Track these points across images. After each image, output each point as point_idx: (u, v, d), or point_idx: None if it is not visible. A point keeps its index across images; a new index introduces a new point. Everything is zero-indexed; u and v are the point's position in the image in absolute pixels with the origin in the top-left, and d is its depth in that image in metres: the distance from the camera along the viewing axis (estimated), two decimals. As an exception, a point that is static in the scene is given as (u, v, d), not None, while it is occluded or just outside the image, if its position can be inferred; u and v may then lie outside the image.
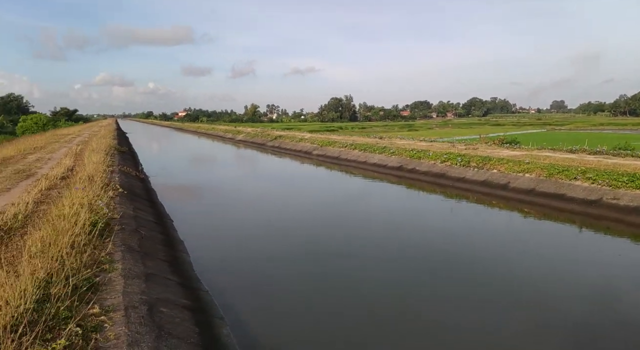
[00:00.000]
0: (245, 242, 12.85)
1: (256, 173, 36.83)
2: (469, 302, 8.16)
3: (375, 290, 8.86)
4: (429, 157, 30.90)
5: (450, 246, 12.23)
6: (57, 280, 5.59)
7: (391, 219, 17.06)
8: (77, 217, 8.40)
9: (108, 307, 5.59)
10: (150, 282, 7.07)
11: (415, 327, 7.24)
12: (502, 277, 9.68)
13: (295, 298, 8.64)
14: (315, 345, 6.91)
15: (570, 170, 21.57)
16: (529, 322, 7.32)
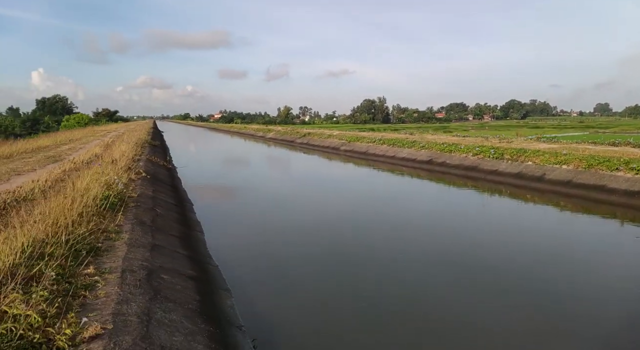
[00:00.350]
0: (263, 228, 12.66)
1: (281, 166, 36.86)
2: (511, 307, 7.06)
3: (388, 281, 8.24)
4: (460, 150, 29.88)
5: (484, 245, 10.68)
6: (55, 242, 5.50)
7: (415, 211, 16.48)
8: (89, 190, 8.41)
9: (104, 269, 5.46)
10: (156, 252, 6.94)
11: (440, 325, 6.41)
12: (546, 278, 8.67)
13: (307, 282, 8.30)
14: (319, 325, 6.55)
15: (612, 161, 20.23)
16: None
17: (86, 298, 4.57)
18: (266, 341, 5.75)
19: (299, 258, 9.73)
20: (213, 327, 5.26)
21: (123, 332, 4.04)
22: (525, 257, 9.30)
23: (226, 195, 19.38)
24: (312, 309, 7.04)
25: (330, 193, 21.01)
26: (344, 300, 7.35)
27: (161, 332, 4.41)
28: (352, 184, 25.16)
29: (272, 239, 11.31)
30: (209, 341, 4.81)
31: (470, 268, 8.39)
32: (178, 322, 4.87)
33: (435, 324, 6.07)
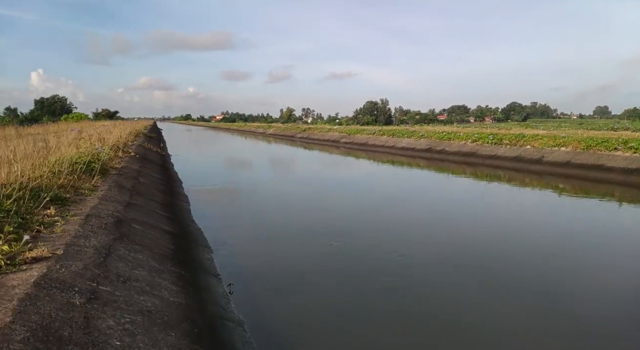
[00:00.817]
0: (253, 203, 12.39)
1: (274, 154, 36.51)
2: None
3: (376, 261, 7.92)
4: (459, 137, 29.55)
5: (486, 232, 9.43)
6: (15, 187, 5.21)
7: (413, 198, 16.18)
8: (65, 154, 8.15)
9: (68, 213, 5.17)
10: (131, 208, 6.65)
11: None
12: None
13: (290, 248, 7.96)
14: (297, 276, 6.24)
15: (610, 142, 19.88)
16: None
17: (40, 232, 4.28)
18: (243, 288, 5.45)
19: (286, 225, 9.45)
20: (185, 271, 4.96)
21: (74, 258, 3.74)
22: (531, 244, 8.46)
23: (218, 175, 19.12)
24: (293, 265, 6.74)
25: (321, 177, 20.70)
26: (325, 258, 7.06)
27: (120, 264, 4.12)
28: (347, 172, 24.82)
29: (260, 211, 11.04)
30: (176, 280, 4.51)
31: (473, 255, 7.64)
32: (144, 261, 4.57)
33: (432, 310, 5.48)
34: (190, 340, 3.31)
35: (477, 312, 4.90)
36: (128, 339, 2.86)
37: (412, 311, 5.07)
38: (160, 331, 3.21)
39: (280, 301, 5.29)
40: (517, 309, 4.83)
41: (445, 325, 4.68)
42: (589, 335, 4.30)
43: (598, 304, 4.97)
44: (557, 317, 4.75)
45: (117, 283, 3.66)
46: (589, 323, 4.61)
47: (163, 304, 3.71)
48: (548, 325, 4.55)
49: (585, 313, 4.77)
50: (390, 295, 5.48)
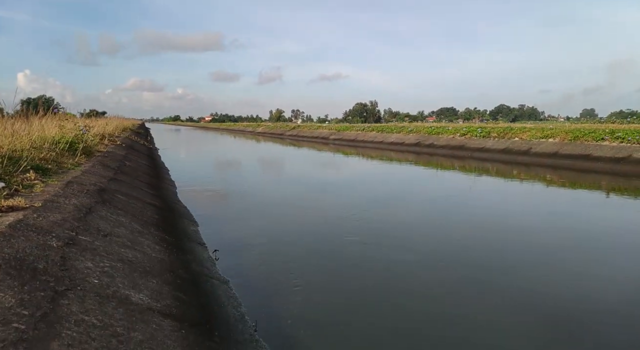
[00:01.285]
0: (238, 189, 12.31)
1: (260, 148, 36.29)
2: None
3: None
4: (447, 131, 29.72)
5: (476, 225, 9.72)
6: (-4, 152, 5.07)
7: (400, 192, 16.18)
8: (48, 133, 7.99)
9: (49, 179, 5.04)
10: (115, 182, 6.52)
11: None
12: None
13: (274, 223, 7.91)
14: (283, 247, 6.17)
15: (597, 132, 20.14)
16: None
17: (18, 191, 4.16)
18: (228, 254, 5.37)
19: (273, 207, 9.37)
20: (169, 237, 4.86)
21: (53, 211, 3.64)
22: (519, 234, 8.26)
23: (203, 166, 18.96)
24: (278, 238, 6.67)
25: (308, 170, 20.63)
26: (310, 230, 7.01)
27: (102, 222, 4.02)
28: (332, 165, 24.77)
29: (246, 193, 10.99)
30: (160, 241, 4.41)
31: (463, 248, 7.53)
32: (126, 223, 4.47)
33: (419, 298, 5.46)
34: (172, 288, 3.23)
35: (467, 304, 4.85)
36: (107, 279, 2.77)
37: (380, 276, 5.04)
38: (141, 277, 3.12)
39: (266, 267, 5.22)
40: (509, 301, 4.77)
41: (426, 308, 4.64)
42: (576, 325, 4.27)
43: (590, 295, 4.95)
44: (542, 307, 4.73)
45: (97, 235, 3.56)
46: (578, 314, 4.57)
47: (145, 258, 3.62)
48: (534, 314, 4.51)
49: (575, 304, 4.74)
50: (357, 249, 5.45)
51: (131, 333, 2.25)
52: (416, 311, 4.18)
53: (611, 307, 4.33)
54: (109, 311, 2.37)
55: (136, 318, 2.45)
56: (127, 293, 2.72)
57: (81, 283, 2.53)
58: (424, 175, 17.45)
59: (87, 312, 2.23)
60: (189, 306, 3.06)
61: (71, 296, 2.31)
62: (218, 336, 2.84)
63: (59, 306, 2.14)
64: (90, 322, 2.15)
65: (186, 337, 2.54)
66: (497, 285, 4.85)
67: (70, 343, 1.88)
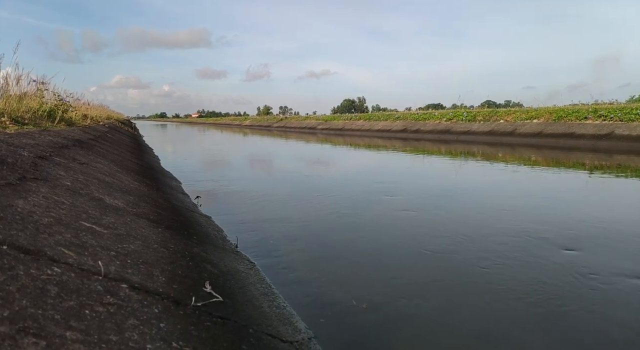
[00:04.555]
0: (225, 169, 12.25)
1: (244, 139, 36.12)
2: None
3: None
4: (434, 117, 29.87)
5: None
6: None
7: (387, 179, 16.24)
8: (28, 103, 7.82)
9: (24, 127, 4.93)
10: (95, 141, 6.41)
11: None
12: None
13: (268, 193, 7.87)
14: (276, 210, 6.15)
15: (580, 112, 20.42)
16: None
17: (-7, 128, 4.06)
18: (211, 201, 5.34)
19: (263, 179, 9.37)
20: (149, 181, 4.79)
21: (26, 138, 3.56)
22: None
23: (189, 152, 18.81)
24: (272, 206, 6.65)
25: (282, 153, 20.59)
26: (298, 201, 7.00)
27: (79, 154, 3.95)
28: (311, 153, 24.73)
29: (233, 172, 10.92)
30: (141, 180, 4.36)
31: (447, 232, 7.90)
32: (105, 164, 4.40)
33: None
34: (151, 206, 3.19)
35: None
36: (80, 185, 2.72)
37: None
38: (117, 192, 3.07)
39: (247, 207, 5.20)
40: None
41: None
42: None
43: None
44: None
45: (72, 162, 3.49)
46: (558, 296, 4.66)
47: (122, 184, 3.57)
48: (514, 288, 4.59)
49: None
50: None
51: (103, 217, 2.21)
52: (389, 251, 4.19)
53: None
54: (80, 200, 2.32)
55: (109, 210, 2.41)
56: (100, 197, 2.68)
57: (52, 179, 2.48)
58: (412, 162, 17.53)
59: (56, 195, 2.18)
60: (167, 218, 3.02)
61: (40, 183, 2.26)
62: (197, 240, 2.81)
63: (27, 185, 2.09)
64: (59, 201, 2.10)
65: (164, 233, 2.51)
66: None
67: (37, 204, 1.83)
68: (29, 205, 1.77)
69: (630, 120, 17.61)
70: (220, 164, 11.32)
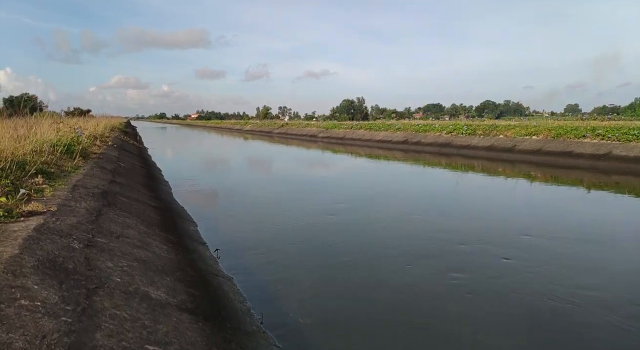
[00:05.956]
0: (226, 187, 12.59)
1: (246, 148, 36.45)
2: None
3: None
4: (434, 129, 30.20)
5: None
6: (1, 159, 5.23)
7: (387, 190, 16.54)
8: (46, 137, 8.12)
9: (55, 183, 5.23)
10: (115, 185, 6.71)
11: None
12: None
13: (268, 221, 8.18)
14: (279, 246, 6.44)
15: (579, 130, 20.77)
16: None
17: (31, 196, 4.36)
18: (229, 253, 5.63)
19: (266, 204, 9.68)
20: (173, 237, 5.10)
21: (68, 215, 3.86)
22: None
23: (192, 163, 19.13)
24: (273, 235, 6.95)
25: (298, 169, 20.89)
26: (304, 226, 7.31)
27: (112, 224, 4.24)
28: (324, 165, 25.04)
29: (237, 190, 11.32)
30: (165, 242, 4.65)
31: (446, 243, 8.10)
32: (133, 225, 4.70)
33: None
34: (185, 285, 3.49)
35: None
36: (127, 277, 3.02)
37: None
38: (156, 275, 3.37)
39: (264, 263, 5.49)
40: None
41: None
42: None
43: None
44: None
45: (110, 237, 3.79)
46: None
47: (156, 257, 3.87)
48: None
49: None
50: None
51: (157, 326, 2.51)
52: (423, 318, 4.49)
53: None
54: (135, 306, 2.62)
55: (158, 312, 2.71)
56: (146, 290, 2.97)
57: (107, 281, 2.78)
58: (411, 172, 17.84)
59: (117, 307, 2.48)
60: (201, 301, 3.32)
61: (101, 293, 2.56)
62: (230, 328, 3.11)
63: (93, 302, 2.39)
64: (121, 316, 2.40)
65: (203, 329, 2.81)
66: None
67: (110, 334, 2.13)
68: (105, 339, 2.07)
69: (627, 140, 17.96)
70: (233, 195, 11.61)
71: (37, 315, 1.99)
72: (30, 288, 2.22)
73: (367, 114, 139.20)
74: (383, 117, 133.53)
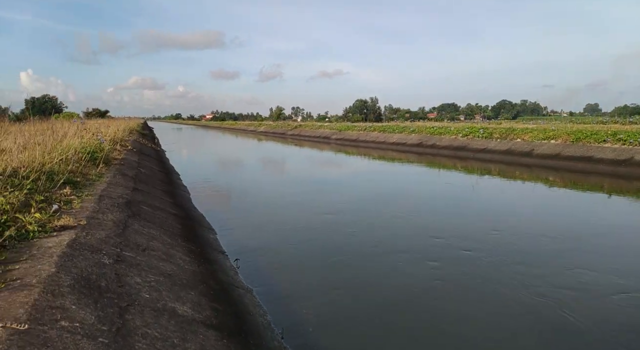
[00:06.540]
0: (243, 191, 12.75)
1: (261, 150, 36.68)
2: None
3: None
4: (450, 132, 30.00)
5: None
6: (30, 170, 5.42)
7: (402, 192, 16.52)
8: (70, 145, 8.36)
9: (82, 193, 5.40)
10: (137, 193, 6.88)
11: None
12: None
13: (285, 227, 8.28)
14: (296, 257, 6.52)
15: (599, 134, 20.42)
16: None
17: (60, 207, 4.51)
18: (247, 262, 5.74)
19: (281, 208, 9.81)
20: (194, 247, 5.22)
21: (97, 228, 4.00)
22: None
23: (209, 167, 19.41)
24: (291, 243, 7.03)
25: (312, 171, 20.97)
26: (318, 236, 7.38)
27: (138, 237, 4.38)
28: (338, 167, 25.07)
29: (255, 195, 11.46)
30: (188, 252, 4.78)
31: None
32: (157, 235, 4.83)
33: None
34: (209, 299, 3.59)
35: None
36: (155, 293, 3.13)
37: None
38: (181, 290, 3.48)
39: (283, 274, 5.58)
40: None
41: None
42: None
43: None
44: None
45: (137, 250, 3.92)
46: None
47: (180, 270, 3.98)
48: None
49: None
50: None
51: (186, 344, 2.60)
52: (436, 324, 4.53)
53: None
54: (164, 323, 2.72)
55: (186, 329, 2.81)
56: (173, 306, 3.08)
57: (137, 298, 2.89)
58: (430, 176, 17.78)
59: (147, 326, 2.59)
60: (225, 316, 3.41)
61: (133, 311, 2.67)
62: (253, 344, 3.20)
63: (126, 321, 2.50)
64: (152, 334, 2.50)
65: (229, 346, 2.90)
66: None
67: (144, 354, 2.23)
68: (139, 358, 2.16)
69: (649, 145, 17.60)
70: (251, 199, 11.76)
71: (77, 336, 2.09)
72: (69, 308, 2.34)
73: (380, 114, 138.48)
74: (396, 117, 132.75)
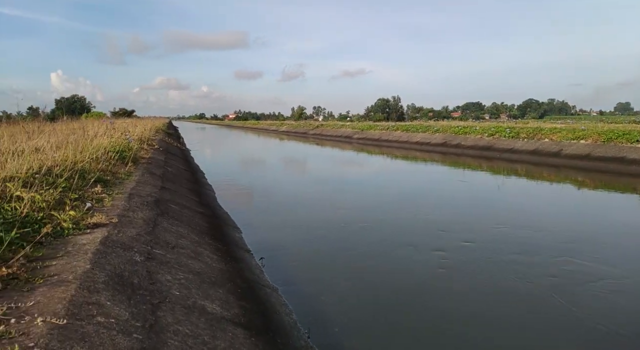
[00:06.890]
0: (267, 189, 12.85)
1: (282, 150, 36.84)
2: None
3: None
4: (475, 131, 29.48)
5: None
6: (63, 168, 5.59)
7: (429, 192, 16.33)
8: (100, 144, 8.58)
9: (112, 192, 5.53)
10: (165, 191, 7.01)
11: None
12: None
13: (309, 226, 8.30)
14: (320, 256, 6.51)
15: (632, 134, 19.71)
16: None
17: (93, 205, 4.63)
18: (272, 261, 5.78)
19: (304, 207, 9.90)
20: (220, 245, 5.28)
21: (128, 226, 4.09)
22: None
23: (234, 166, 19.63)
24: (314, 242, 7.04)
25: (333, 170, 20.95)
26: (340, 235, 7.36)
27: (167, 234, 4.45)
28: (359, 167, 24.96)
29: (274, 195, 11.57)
30: (215, 251, 4.83)
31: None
32: (185, 234, 4.91)
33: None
34: (236, 298, 3.62)
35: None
36: (185, 291, 3.18)
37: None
38: (210, 288, 3.52)
39: (307, 272, 5.59)
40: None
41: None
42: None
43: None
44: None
45: (167, 248, 3.98)
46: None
47: (208, 268, 4.03)
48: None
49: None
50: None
51: (215, 341, 2.63)
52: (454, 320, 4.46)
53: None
54: (194, 321, 2.76)
55: (215, 327, 2.84)
56: (203, 303, 3.12)
57: (167, 295, 2.94)
58: (456, 176, 17.52)
59: (179, 323, 2.62)
60: (252, 314, 3.44)
61: (164, 308, 2.71)
62: (280, 343, 3.21)
63: (158, 318, 2.54)
64: (184, 331, 2.54)
65: (257, 345, 2.91)
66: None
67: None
68: (172, 355, 2.19)
69: (686, 146, 16.90)
70: (276, 198, 11.86)
71: (112, 332, 2.14)
72: (104, 304, 2.39)
73: (402, 113, 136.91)
74: (419, 116, 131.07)
